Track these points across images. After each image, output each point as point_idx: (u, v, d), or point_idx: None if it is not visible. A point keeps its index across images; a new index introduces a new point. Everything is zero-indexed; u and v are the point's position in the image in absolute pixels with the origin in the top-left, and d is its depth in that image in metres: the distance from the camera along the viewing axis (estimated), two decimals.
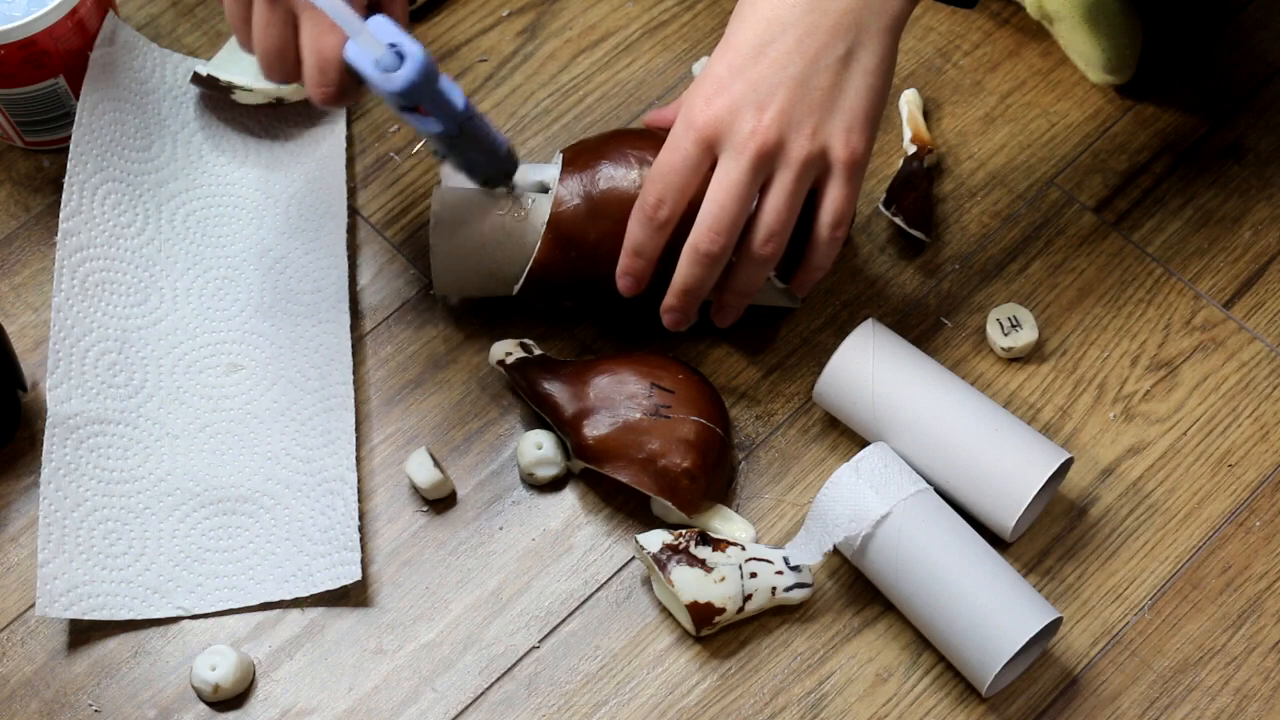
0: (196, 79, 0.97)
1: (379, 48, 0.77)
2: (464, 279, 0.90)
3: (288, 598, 0.85)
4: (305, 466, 0.88)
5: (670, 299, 0.86)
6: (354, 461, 0.88)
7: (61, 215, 0.93)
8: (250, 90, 0.97)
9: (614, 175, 0.87)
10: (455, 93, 0.80)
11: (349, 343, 0.92)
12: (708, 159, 0.83)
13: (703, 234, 0.83)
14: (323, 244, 0.95)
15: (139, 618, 0.85)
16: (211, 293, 0.94)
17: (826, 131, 0.82)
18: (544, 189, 0.89)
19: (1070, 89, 1.02)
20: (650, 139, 0.88)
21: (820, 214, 0.84)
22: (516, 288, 0.89)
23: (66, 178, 0.93)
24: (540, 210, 0.88)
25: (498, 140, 0.85)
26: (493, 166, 0.86)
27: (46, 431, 0.88)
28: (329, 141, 0.99)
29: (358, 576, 0.84)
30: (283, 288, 0.94)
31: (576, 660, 0.84)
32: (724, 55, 0.83)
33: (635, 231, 0.85)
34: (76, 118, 0.95)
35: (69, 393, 0.89)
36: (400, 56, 0.77)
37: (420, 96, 0.78)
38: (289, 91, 0.98)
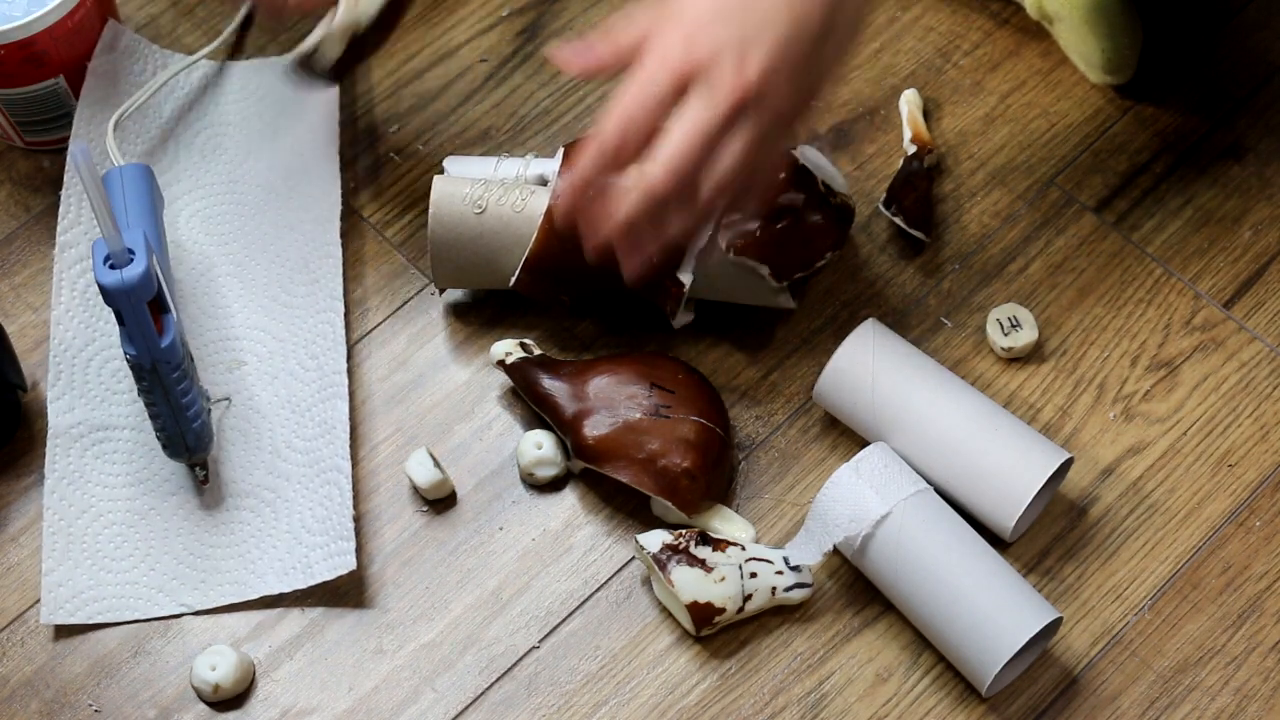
0: (299, 69, 0.93)
1: (119, 244, 0.78)
2: (462, 271, 0.90)
3: (287, 590, 0.85)
4: (304, 458, 0.88)
5: (610, 233, 0.77)
6: (348, 450, 0.87)
7: (59, 227, 0.93)
8: (330, 36, 0.92)
9: None
10: (171, 332, 0.81)
11: (343, 331, 0.91)
12: (678, 99, 0.76)
13: (657, 171, 0.74)
14: (318, 237, 0.95)
15: (143, 618, 0.85)
16: (214, 291, 0.94)
17: (799, 86, 0.76)
18: (545, 183, 0.89)
19: (1070, 89, 1.02)
20: None
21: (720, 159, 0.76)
22: (513, 279, 0.89)
23: (64, 189, 0.94)
24: (538, 202, 0.88)
25: (194, 410, 0.84)
26: (174, 430, 0.84)
27: (49, 442, 0.88)
28: (326, 138, 0.98)
29: (353, 566, 0.84)
30: (284, 281, 0.94)
31: (576, 660, 0.84)
32: None
33: (587, 169, 0.76)
34: (74, 130, 0.94)
35: (72, 403, 0.89)
36: (132, 257, 0.79)
37: (123, 303, 0.79)
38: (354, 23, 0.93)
